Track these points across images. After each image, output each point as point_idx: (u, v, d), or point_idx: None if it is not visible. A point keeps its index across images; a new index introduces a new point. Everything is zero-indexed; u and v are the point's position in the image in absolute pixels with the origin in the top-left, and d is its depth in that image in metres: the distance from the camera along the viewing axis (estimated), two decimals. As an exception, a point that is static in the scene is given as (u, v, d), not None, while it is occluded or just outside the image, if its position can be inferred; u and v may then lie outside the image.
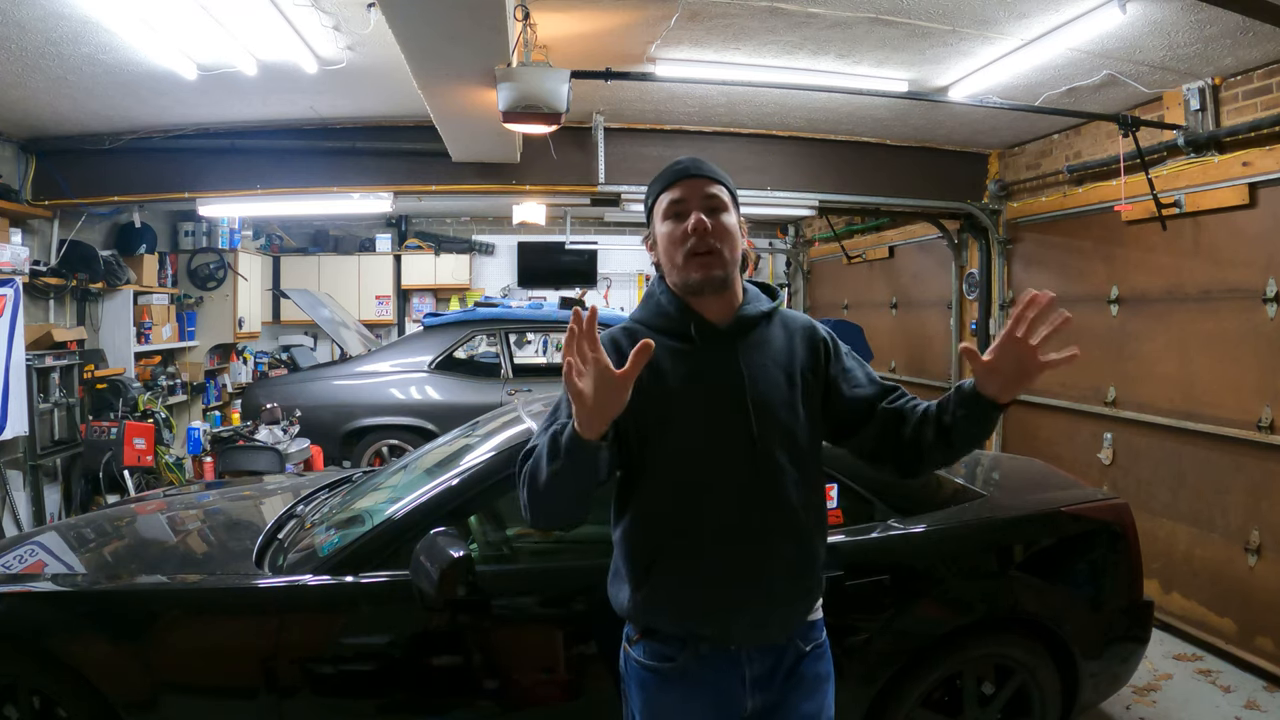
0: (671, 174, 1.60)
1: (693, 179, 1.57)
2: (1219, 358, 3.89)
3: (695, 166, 1.59)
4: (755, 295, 1.65)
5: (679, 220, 1.54)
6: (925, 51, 3.68)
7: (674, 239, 1.55)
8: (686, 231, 1.52)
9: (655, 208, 1.61)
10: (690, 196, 1.55)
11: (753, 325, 1.59)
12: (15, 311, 4.35)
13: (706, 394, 1.53)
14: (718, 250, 1.53)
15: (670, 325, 1.57)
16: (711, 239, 1.52)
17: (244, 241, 7.53)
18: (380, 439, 5.95)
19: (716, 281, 1.53)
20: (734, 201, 1.60)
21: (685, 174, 1.58)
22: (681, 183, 1.57)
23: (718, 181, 1.59)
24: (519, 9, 3.01)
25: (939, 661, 2.53)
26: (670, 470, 1.52)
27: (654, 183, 1.63)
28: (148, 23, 3.21)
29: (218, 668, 2.28)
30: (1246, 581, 3.74)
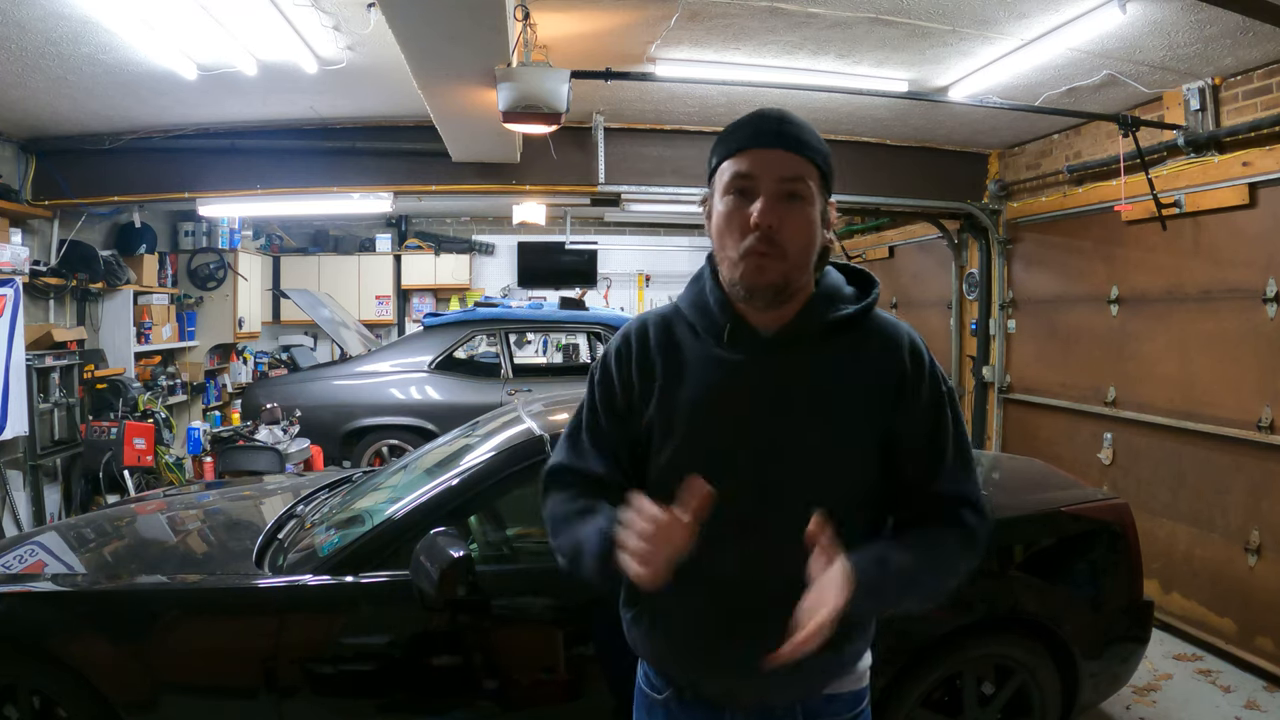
0: (743, 137, 1.20)
1: (770, 150, 1.18)
2: (1219, 358, 3.88)
3: (776, 129, 1.19)
4: (832, 292, 1.27)
5: (743, 200, 1.18)
6: (925, 51, 3.68)
7: (728, 224, 1.20)
8: (746, 222, 1.17)
9: (717, 174, 1.24)
10: (761, 174, 1.17)
11: (814, 334, 1.24)
12: (15, 311, 4.35)
13: (720, 417, 1.24)
14: (780, 252, 1.17)
15: (705, 321, 1.28)
16: (778, 237, 1.17)
17: (244, 241, 7.53)
18: (380, 439, 5.95)
19: (769, 291, 1.19)
20: (824, 184, 1.22)
21: (760, 140, 1.19)
22: (754, 152, 1.18)
23: (803, 155, 1.19)
24: (519, 9, 3.01)
25: (939, 661, 2.53)
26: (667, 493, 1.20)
27: (722, 139, 1.24)
28: (148, 23, 3.21)
29: (218, 668, 2.28)
30: (1246, 581, 3.74)
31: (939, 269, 6.45)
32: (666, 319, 1.33)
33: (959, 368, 6.24)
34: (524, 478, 2.46)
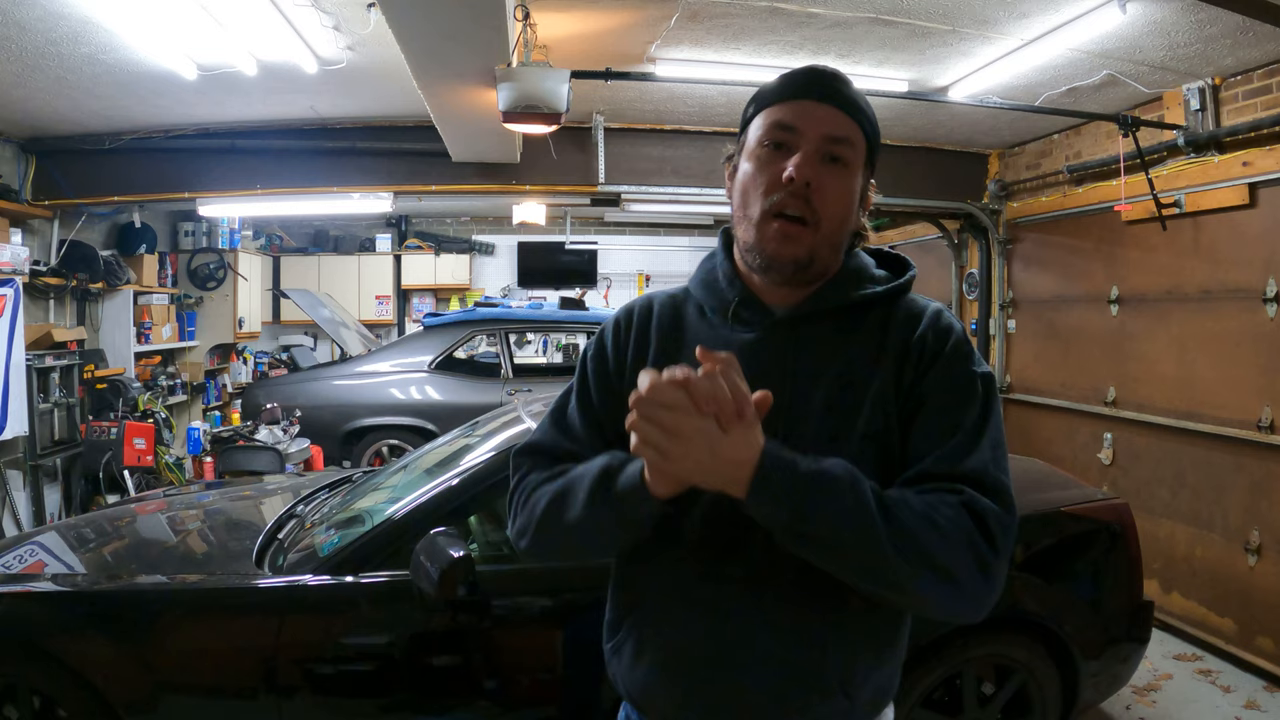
0: (791, 85, 1.08)
1: (818, 103, 1.05)
2: (1219, 358, 3.88)
3: (831, 84, 1.07)
4: (859, 271, 1.13)
5: (779, 154, 1.05)
6: (925, 51, 3.68)
7: (757, 178, 1.05)
8: (779, 177, 1.03)
9: (750, 125, 1.10)
10: (806, 128, 1.04)
11: (830, 314, 1.10)
12: (15, 311, 4.35)
13: None
14: (815, 217, 1.04)
15: (712, 298, 1.15)
16: (815, 201, 1.03)
17: (244, 241, 7.53)
18: (380, 439, 5.95)
19: (791, 266, 1.06)
20: (871, 154, 1.11)
21: (809, 91, 1.06)
22: (800, 103, 1.05)
23: (853, 117, 1.07)
24: (519, 9, 3.01)
25: (939, 661, 2.53)
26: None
27: (763, 89, 1.11)
28: (148, 23, 3.21)
29: (218, 668, 2.28)
30: (1246, 581, 3.73)
31: (939, 269, 6.45)
32: (675, 298, 1.20)
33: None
34: (524, 478, 2.46)
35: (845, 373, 1.07)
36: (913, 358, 1.06)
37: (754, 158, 1.07)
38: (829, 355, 1.08)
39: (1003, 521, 0.97)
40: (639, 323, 1.18)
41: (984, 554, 0.95)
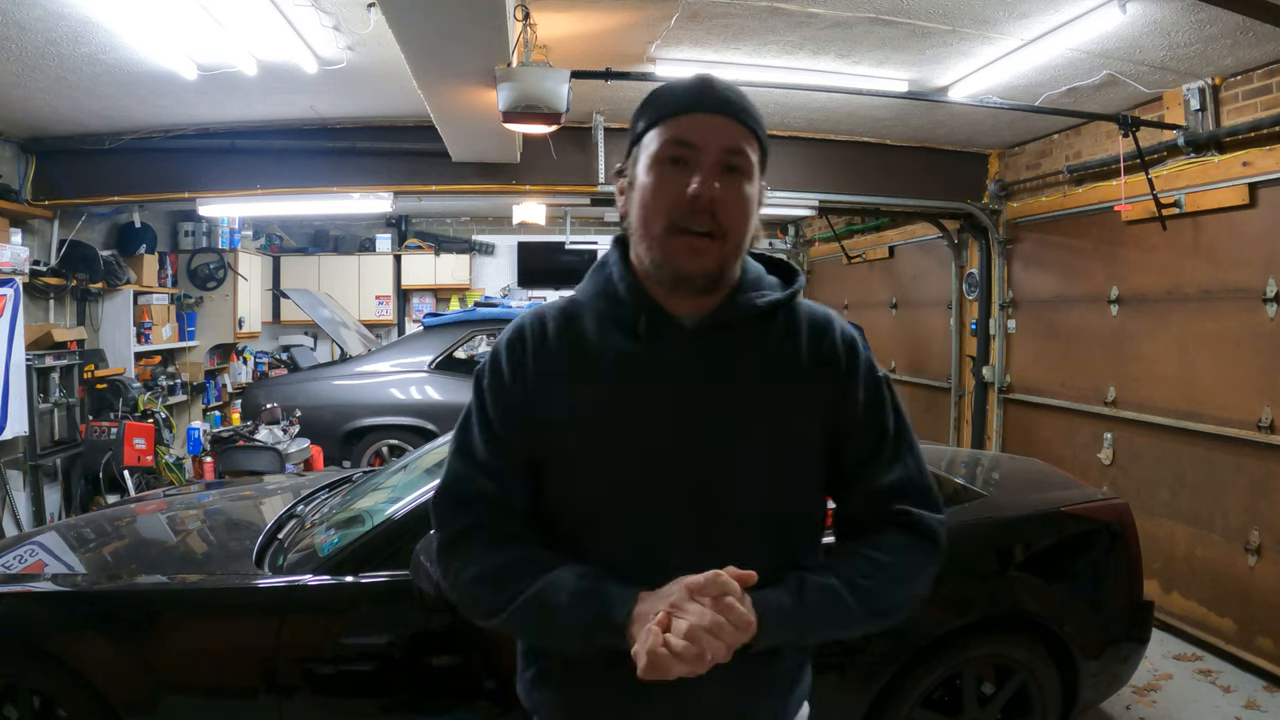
0: (684, 99, 1.07)
1: (713, 115, 1.05)
2: (1219, 358, 3.88)
3: (722, 95, 1.07)
4: (758, 279, 1.15)
5: (677, 170, 1.04)
6: (925, 51, 3.68)
7: (660, 197, 1.05)
8: (682, 194, 1.03)
9: (644, 140, 1.08)
10: (705, 143, 1.04)
11: (740, 323, 1.11)
12: (15, 311, 4.35)
13: (640, 419, 1.07)
14: (722, 235, 1.05)
15: (615, 310, 1.12)
16: (720, 215, 1.04)
17: (244, 241, 7.53)
18: (380, 439, 5.95)
19: (702, 280, 1.07)
20: (763, 159, 1.10)
21: (703, 104, 1.06)
22: (694, 117, 1.05)
23: (748, 127, 1.07)
24: (519, 9, 3.01)
25: (939, 661, 2.53)
26: (578, 518, 1.10)
27: (652, 102, 1.10)
28: (148, 23, 3.21)
29: (218, 668, 2.28)
30: (1246, 581, 3.73)
31: (939, 269, 6.45)
32: (566, 310, 1.16)
33: (959, 368, 6.24)
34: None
35: (762, 380, 1.10)
36: (830, 371, 1.12)
37: (653, 174, 1.06)
38: (744, 363, 1.10)
39: (939, 521, 1.14)
40: (535, 341, 1.13)
41: (932, 558, 1.13)
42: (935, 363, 6.56)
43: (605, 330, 1.12)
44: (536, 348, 1.12)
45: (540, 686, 1.16)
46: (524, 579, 1.05)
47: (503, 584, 1.06)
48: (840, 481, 1.15)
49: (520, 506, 1.11)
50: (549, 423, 1.09)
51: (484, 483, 1.10)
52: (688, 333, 1.09)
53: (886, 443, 1.14)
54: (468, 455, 1.12)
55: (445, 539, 1.11)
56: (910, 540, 1.11)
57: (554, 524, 1.11)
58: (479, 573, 1.08)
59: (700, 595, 0.95)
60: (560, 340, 1.12)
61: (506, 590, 1.05)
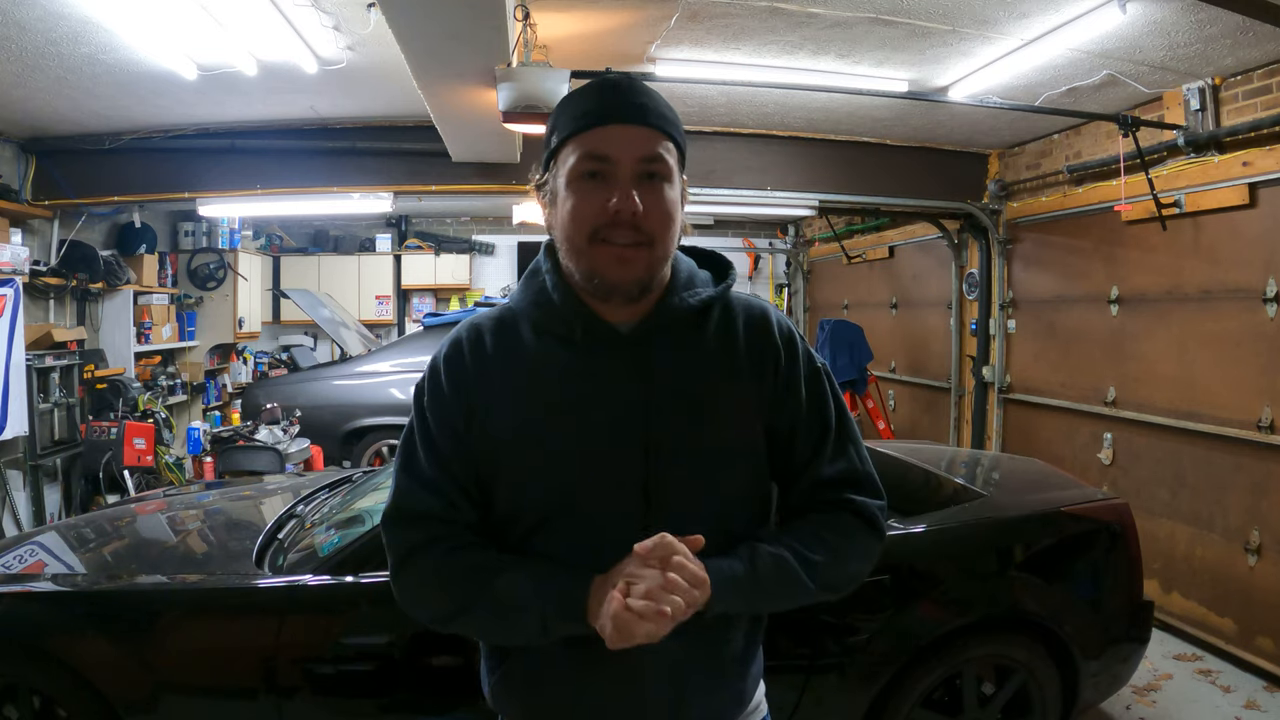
0: (591, 111, 1.06)
1: (625, 126, 1.05)
2: (1219, 358, 3.88)
3: (631, 101, 1.06)
4: (689, 277, 1.15)
5: (596, 184, 1.04)
6: (925, 51, 3.68)
7: (581, 213, 1.05)
8: (602, 208, 1.03)
9: (561, 151, 1.08)
10: (620, 157, 1.04)
11: (675, 325, 1.11)
12: (15, 311, 4.35)
13: (579, 427, 1.09)
14: (647, 240, 1.05)
15: (551, 319, 1.12)
16: (644, 225, 1.04)
17: (244, 241, 7.53)
18: (380, 439, 5.95)
19: (634, 288, 1.07)
20: (681, 158, 1.10)
21: (613, 114, 1.05)
22: (606, 129, 1.04)
23: (661, 130, 1.06)
24: (519, 9, 3.01)
25: (939, 661, 2.53)
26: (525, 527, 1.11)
27: (563, 114, 1.09)
28: (148, 23, 3.21)
29: (218, 668, 2.28)
30: (1246, 581, 3.73)
31: (939, 269, 6.45)
32: (503, 320, 1.16)
33: (959, 368, 6.24)
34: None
35: (702, 380, 1.11)
36: (770, 366, 1.14)
37: (572, 190, 1.06)
38: (682, 365, 1.11)
39: (880, 508, 1.17)
40: (473, 354, 1.13)
41: (874, 545, 1.16)
42: (935, 363, 6.56)
43: (542, 339, 1.12)
44: (475, 360, 1.12)
45: (505, 689, 1.18)
46: (477, 579, 1.07)
47: (457, 586, 1.07)
48: (785, 474, 1.17)
49: (468, 520, 1.12)
50: (491, 436, 1.10)
51: (430, 500, 1.11)
52: (623, 339, 1.10)
53: (829, 435, 1.17)
54: (413, 473, 1.13)
55: (399, 556, 1.12)
56: (855, 523, 1.15)
57: (502, 534, 1.13)
58: (432, 579, 1.10)
59: (650, 557, 0.98)
60: (498, 352, 1.13)
61: (461, 592, 1.07)
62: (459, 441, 1.12)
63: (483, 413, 1.11)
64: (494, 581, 1.06)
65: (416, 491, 1.12)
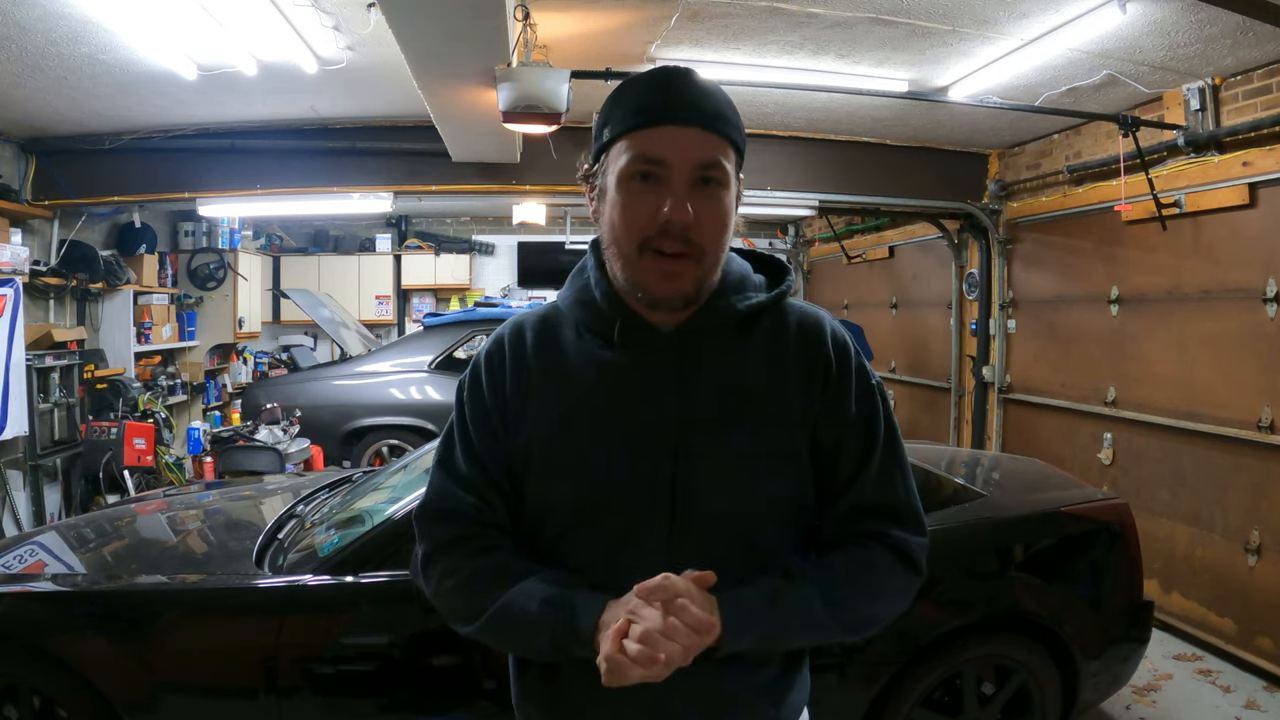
0: (652, 109, 1.00)
1: (683, 128, 0.99)
2: (1219, 358, 3.88)
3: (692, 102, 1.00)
4: (741, 280, 1.10)
5: (648, 187, 0.99)
6: (925, 51, 3.68)
7: (630, 217, 1.00)
8: (652, 214, 0.99)
9: (613, 146, 1.03)
10: (675, 161, 0.99)
11: (721, 328, 1.07)
12: (15, 311, 4.35)
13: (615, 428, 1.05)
14: (697, 252, 1.00)
15: (592, 319, 1.09)
16: (695, 236, 0.99)
17: (244, 241, 7.53)
18: (380, 439, 5.94)
19: (680, 301, 1.03)
20: (739, 163, 1.04)
21: (671, 115, 0.99)
22: (663, 130, 0.99)
23: (721, 134, 1.01)
24: (519, 9, 3.01)
25: (939, 661, 2.53)
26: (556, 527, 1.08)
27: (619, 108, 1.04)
28: (148, 23, 3.21)
29: (218, 668, 2.28)
30: (1246, 581, 3.73)
31: (939, 269, 6.45)
32: (546, 319, 1.13)
33: (959, 368, 6.24)
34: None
35: (742, 385, 1.06)
36: (819, 377, 1.08)
37: (621, 191, 1.01)
38: (722, 369, 1.07)
39: (922, 546, 1.11)
40: (513, 353, 1.11)
41: (912, 583, 1.10)
42: (935, 363, 6.56)
43: (583, 338, 1.09)
44: (515, 359, 1.11)
45: (526, 699, 1.15)
46: (497, 587, 1.04)
47: (477, 592, 1.05)
48: (826, 492, 1.11)
49: (501, 519, 1.10)
50: (527, 434, 1.08)
51: (465, 496, 1.09)
52: (666, 340, 1.06)
53: (875, 458, 1.09)
54: (449, 469, 1.12)
55: (427, 551, 1.11)
56: (891, 561, 1.08)
57: (534, 534, 1.10)
58: (456, 582, 1.08)
59: (651, 599, 0.93)
60: (538, 350, 1.11)
61: (480, 598, 1.05)
62: (495, 439, 1.10)
63: (517, 410, 1.09)
64: (510, 591, 1.03)
65: (450, 488, 1.10)
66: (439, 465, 1.13)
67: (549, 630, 0.99)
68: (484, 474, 1.10)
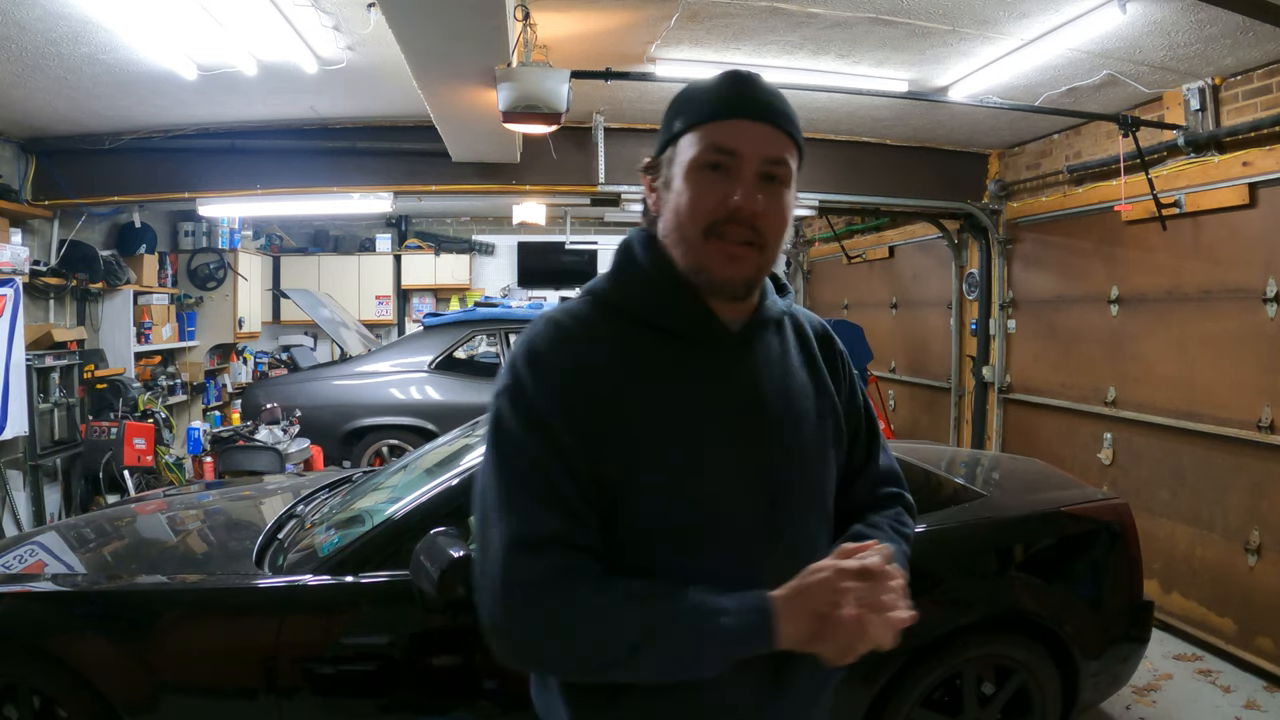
0: (726, 103, 1.03)
1: (755, 123, 1.02)
2: (1219, 358, 3.88)
3: (763, 100, 1.04)
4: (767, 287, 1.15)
5: (717, 177, 1.01)
6: (925, 51, 3.68)
7: (699, 204, 1.01)
8: (720, 202, 1.01)
9: (683, 138, 1.04)
10: (747, 152, 1.01)
11: (772, 326, 1.13)
12: (15, 311, 4.35)
13: (705, 426, 1.03)
14: (762, 245, 1.03)
15: (663, 314, 1.06)
16: (761, 226, 1.02)
17: (244, 241, 7.53)
18: (380, 439, 5.95)
19: (743, 287, 1.05)
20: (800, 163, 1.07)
21: (745, 109, 1.02)
22: (736, 124, 1.02)
23: (788, 134, 1.04)
24: (519, 9, 3.01)
25: (939, 661, 2.53)
26: (649, 538, 1.01)
27: (691, 101, 1.06)
28: (148, 23, 3.21)
29: (218, 668, 2.28)
30: (1246, 581, 3.73)
31: (939, 269, 6.45)
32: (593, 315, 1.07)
33: (959, 368, 6.23)
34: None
35: (799, 381, 1.14)
36: (837, 371, 1.21)
37: (690, 179, 1.03)
38: (779, 366, 1.12)
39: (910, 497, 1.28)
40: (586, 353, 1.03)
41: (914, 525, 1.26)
42: (935, 363, 6.56)
43: (656, 335, 1.05)
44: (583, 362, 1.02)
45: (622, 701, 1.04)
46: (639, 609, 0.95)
47: (615, 620, 0.94)
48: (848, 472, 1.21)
49: (594, 538, 0.99)
50: (614, 439, 1.00)
51: (555, 522, 0.96)
52: (735, 336, 1.08)
53: (877, 435, 1.26)
54: (530, 492, 0.97)
55: (522, 596, 0.95)
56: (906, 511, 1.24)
57: (625, 547, 1.01)
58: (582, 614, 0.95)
59: (848, 570, 0.95)
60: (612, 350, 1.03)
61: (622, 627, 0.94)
62: (577, 450, 0.99)
63: (601, 416, 1.00)
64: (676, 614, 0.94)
65: (536, 513, 0.96)
66: (508, 500, 0.98)
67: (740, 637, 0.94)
68: (570, 488, 0.98)
